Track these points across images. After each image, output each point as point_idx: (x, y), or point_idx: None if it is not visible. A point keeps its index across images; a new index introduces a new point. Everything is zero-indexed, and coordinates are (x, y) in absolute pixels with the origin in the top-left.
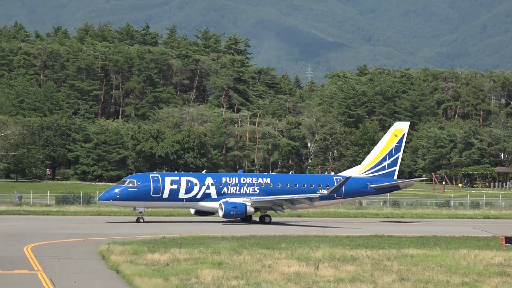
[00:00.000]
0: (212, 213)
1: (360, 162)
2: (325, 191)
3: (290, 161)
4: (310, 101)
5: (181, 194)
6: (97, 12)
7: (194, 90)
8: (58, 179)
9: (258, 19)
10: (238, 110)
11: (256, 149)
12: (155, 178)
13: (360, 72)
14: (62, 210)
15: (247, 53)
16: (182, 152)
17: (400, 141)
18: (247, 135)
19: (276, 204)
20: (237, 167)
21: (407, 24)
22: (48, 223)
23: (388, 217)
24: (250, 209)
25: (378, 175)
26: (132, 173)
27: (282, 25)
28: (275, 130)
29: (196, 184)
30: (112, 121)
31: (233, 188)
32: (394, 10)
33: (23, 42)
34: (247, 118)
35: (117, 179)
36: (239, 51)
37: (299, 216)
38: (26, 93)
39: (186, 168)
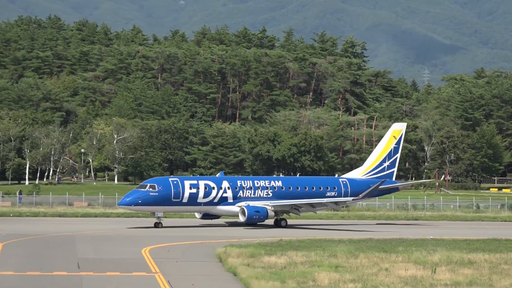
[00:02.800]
0: (217, 216)
1: (477, 166)
2: (351, 195)
3: (407, 164)
4: (427, 104)
5: (200, 198)
6: (214, 16)
7: (311, 93)
8: None
9: (374, 22)
10: (355, 113)
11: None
12: (175, 182)
13: (477, 75)
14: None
15: (364, 56)
16: (299, 155)
17: (398, 142)
18: (364, 138)
19: (294, 208)
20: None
21: None
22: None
23: (505, 221)
24: (271, 213)
25: (379, 176)
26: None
27: (398, 28)
28: None
29: (213, 188)
30: (229, 124)
31: (248, 192)
32: None
33: (141, 46)
34: (363, 121)
35: None
36: (355, 54)
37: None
38: (144, 96)
39: (303, 172)
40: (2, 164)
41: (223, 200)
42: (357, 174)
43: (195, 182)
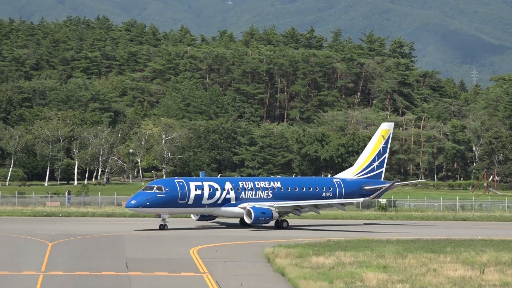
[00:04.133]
0: (213, 218)
1: None
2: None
3: (455, 165)
4: (475, 104)
5: (204, 200)
6: (262, 16)
7: (359, 93)
8: None
9: (422, 22)
10: (403, 114)
11: (421, 153)
12: (181, 183)
13: None
14: None
15: (412, 56)
16: (347, 155)
17: (386, 142)
18: (412, 139)
19: (296, 209)
20: (402, 170)
21: None
22: (214, 226)
23: None
24: (276, 214)
25: (369, 176)
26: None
27: (446, 28)
28: (440, 134)
29: (217, 189)
30: (277, 124)
31: (250, 193)
32: None
33: (189, 46)
34: (411, 122)
35: None
36: (403, 54)
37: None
38: (192, 96)
39: None
40: (51, 164)
41: (226, 201)
42: (349, 174)
43: (199, 183)
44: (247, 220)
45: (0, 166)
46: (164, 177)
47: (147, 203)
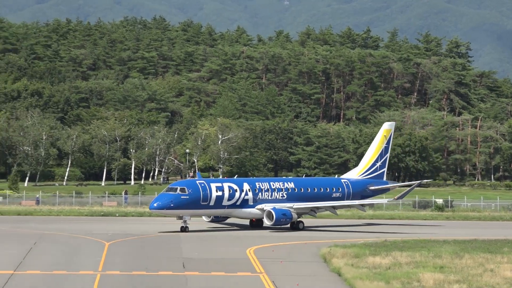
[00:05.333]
0: (224, 219)
1: None
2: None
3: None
4: None
5: (225, 201)
6: (318, 16)
7: (415, 94)
8: None
9: (479, 22)
10: (460, 114)
11: (478, 153)
12: (203, 185)
13: None
14: None
15: (468, 56)
16: (403, 155)
17: (388, 142)
18: (469, 139)
19: (312, 210)
20: (459, 170)
21: None
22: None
23: None
24: (295, 216)
25: (373, 177)
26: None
27: (503, 28)
28: (497, 134)
29: (236, 191)
30: (334, 124)
31: (266, 194)
32: None
33: (246, 46)
34: (468, 122)
35: None
36: (460, 54)
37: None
38: (248, 96)
39: (407, 172)
40: (108, 164)
41: (244, 203)
42: (354, 174)
43: (220, 184)
44: (267, 221)
45: (58, 166)
46: (220, 177)
47: (171, 205)
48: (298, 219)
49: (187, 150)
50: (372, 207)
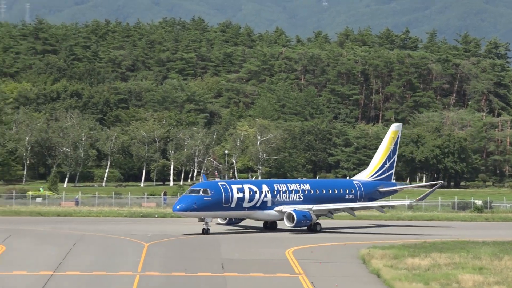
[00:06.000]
0: (239, 221)
1: None
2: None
3: None
4: None
5: (245, 203)
6: (357, 17)
7: (454, 95)
8: None
9: None
10: (499, 115)
11: None
12: (224, 186)
13: None
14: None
15: (507, 57)
16: (442, 156)
17: (396, 143)
18: (508, 140)
19: (330, 211)
20: (498, 171)
21: None
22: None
23: None
24: (314, 217)
25: (382, 178)
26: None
27: None
28: None
29: (256, 192)
30: (372, 125)
31: (284, 195)
32: None
33: (284, 47)
34: (507, 123)
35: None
36: (499, 55)
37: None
38: (287, 97)
39: (446, 173)
40: (147, 165)
41: (263, 204)
42: (364, 176)
43: (240, 186)
44: (287, 223)
45: (97, 167)
46: (259, 178)
47: (195, 207)
48: (316, 221)
49: (226, 151)
50: (393, 208)
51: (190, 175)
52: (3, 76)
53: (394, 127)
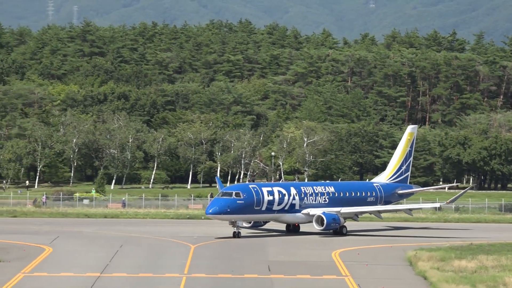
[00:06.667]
0: (262, 224)
1: None
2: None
3: None
4: None
5: (275, 206)
6: (404, 19)
7: (501, 96)
8: None
9: None
10: None
11: None
12: (255, 189)
13: None
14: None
15: None
16: (488, 158)
17: (412, 145)
18: None
19: (356, 214)
20: None
21: None
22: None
23: None
24: (342, 220)
25: (399, 180)
26: (439, 180)
27: None
28: None
29: (285, 195)
30: (419, 127)
31: (311, 198)
32: None
33: (331, 49)
34: None
35: (424, 185)
36: None
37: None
38: (334, 99)
39: (493, 175)
40: (193, 167)
41: (291, 207)
42: (383, 178)
43: (270, 189)
44: (317, 226)
45: (144, 169)
46: (306, 180)
47: (228, 210)
48: (343, 224)
49: (273, 153)
50: (420, 210)
51: (237, 177)
52: (51, 78)
53: (410, 129)
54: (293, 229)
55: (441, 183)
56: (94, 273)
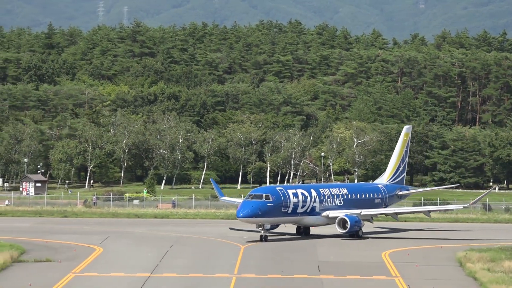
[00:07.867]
0: (276, 226)
1: None
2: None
3: None
4: None
5: (299, 208)
6: (454, 19)
7: None
8: (415, 186)
9: None
10: None
11: None
12: (282, 191)
13: None
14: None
15: None
16: None
17: (407, 146)
18: None
19: (371, 216)
20: None
21: None
22: (403, 227)
23: None
24: (363, 223)
25: (397, 181)
26: (490, 181)
27: None
28: None
29: (307, 197)
30: (469, 128)
31: (329, 200)
32: None
33: (381, 50)
34: None
35: (474, 186)
36: None
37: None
38: (383, 100)
39: None
40: (243, 167)
41: (313, 210)
42: (384, 180)
43: (294, 191)
44: (339, 229)
45: (194, 169)
46: (355, 180)
47: (259, 213)
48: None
49: (323, 154)
50: (442, 212)
51: (287, 177)
52: (101, 78)
53: (406, 129)
54: (304, 232)
55: (491, 184)
56: (144, 273)
